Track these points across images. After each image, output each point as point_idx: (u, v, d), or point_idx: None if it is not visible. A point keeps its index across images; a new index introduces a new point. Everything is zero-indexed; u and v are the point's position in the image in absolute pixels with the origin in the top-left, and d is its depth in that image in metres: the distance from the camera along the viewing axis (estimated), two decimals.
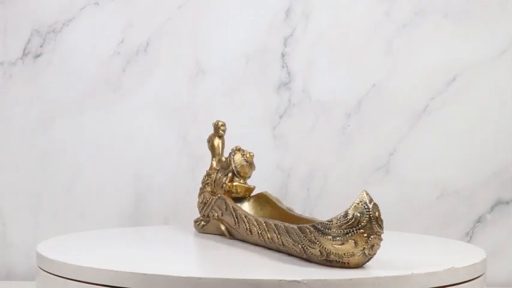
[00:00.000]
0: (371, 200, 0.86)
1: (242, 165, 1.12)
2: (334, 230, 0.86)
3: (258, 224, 1.00)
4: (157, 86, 1.42)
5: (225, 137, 1.19)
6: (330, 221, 0.86)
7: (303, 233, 0.90)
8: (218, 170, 1.15)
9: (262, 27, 1.41)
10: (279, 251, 0.97)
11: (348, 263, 0.87)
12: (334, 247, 0.87)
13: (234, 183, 1.12)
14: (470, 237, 1.38)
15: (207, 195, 1.16)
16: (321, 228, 0.87)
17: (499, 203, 1.38)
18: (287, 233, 0.93)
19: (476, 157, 1.38)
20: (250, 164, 1.13)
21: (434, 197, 1.38)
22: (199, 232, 1.16)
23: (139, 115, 1.42)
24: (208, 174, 1.18)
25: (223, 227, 1.11)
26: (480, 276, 0.95)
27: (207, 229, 1.15)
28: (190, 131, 1.41)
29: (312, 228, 0.88)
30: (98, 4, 1.42)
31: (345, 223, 0.85)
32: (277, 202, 1.10)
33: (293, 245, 0.92)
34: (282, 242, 0.94)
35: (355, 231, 0.85)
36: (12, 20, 1.43)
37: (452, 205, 1.38)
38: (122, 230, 1.22)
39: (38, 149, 1.43)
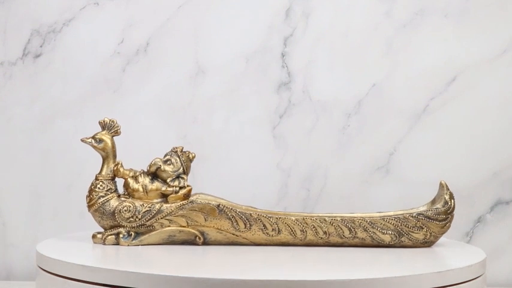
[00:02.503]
0: None
1: (188, 167, 1.10)
2: (442, 216, 1.04)
3: (305, 222, 1.04)
4: (157, 86, 1.42)
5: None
6: (436, 208, 1.04)
7: (404, 221, 1.04)
8: (143, 173, 1.08)
9: (262, 27, 1.41)
10: (323, 245, 1.05)
11: (434, 242, 1.05)
12: (439, 229, 1.04)
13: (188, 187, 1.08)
14: (470, 237, 1.38)
15: (140, 203, 1.06)
16: (431, 215, 1.04)
17: (499, 203, 1.38)
18: (371, 224, 1.04)
19: (476, 157, 1.38)
20: None
21: None
22: (127, 246, 1.06)
23: (140, 115, 1.42)
24: (109, 179, 1.08)
25: (197, 233, 1.06)
26: (480, 276, 0.95)
27: (146, 240, 1.06)
28: (190, 131, 1.41)
29: (419, 216, 1.04)
30: (98, 4, 1.42)
31: (448, 208, 1.04)
32: (228, 202, 1.07)
33: (381, 234, 1.04)
34: (356, 233, 1.04)
35: (452, 214, 1.05)
36: (12, 20, 1.43)
37: None
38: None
39: (38, 149, 1.43)
